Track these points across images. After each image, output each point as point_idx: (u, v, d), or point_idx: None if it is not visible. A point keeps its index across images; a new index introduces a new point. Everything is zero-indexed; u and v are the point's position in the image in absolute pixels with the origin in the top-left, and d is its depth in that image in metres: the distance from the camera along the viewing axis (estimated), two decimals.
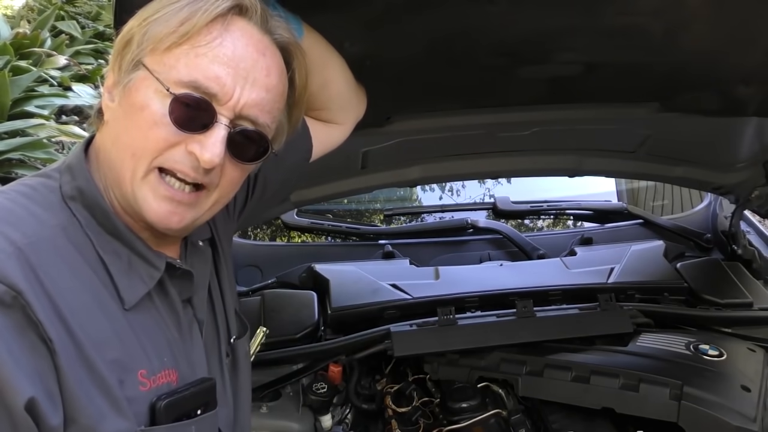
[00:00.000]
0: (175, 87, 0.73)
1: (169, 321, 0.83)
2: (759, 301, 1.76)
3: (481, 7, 1.05)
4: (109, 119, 0.79)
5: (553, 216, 2.54)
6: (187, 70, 0.74)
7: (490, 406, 1.49)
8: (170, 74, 0.74)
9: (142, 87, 0.75)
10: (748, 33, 1.18)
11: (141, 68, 0.75)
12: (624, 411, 1.37)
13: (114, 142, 0.78)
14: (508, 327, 1.58)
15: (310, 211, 2.36)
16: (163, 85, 0.73)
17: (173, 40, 0.74)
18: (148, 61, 0.75)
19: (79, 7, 7.84)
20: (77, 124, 4.93)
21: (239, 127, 0.78)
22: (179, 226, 0.79)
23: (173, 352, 0.82)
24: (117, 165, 0.77)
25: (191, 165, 0.76)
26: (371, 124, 1.49)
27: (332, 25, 1.03)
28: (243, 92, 0.76)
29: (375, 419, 1.60)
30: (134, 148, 0.75)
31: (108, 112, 0.79)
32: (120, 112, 0.77)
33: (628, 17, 1.12)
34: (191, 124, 0.74)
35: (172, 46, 0.74)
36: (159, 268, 0.81)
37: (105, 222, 0.78)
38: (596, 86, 1.42)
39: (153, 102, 0.74)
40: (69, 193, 0.77)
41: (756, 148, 1.78)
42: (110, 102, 0.79)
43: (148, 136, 0.74)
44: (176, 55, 0.74)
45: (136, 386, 0.75)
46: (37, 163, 4.16)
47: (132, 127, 0.75)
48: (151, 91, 0.74)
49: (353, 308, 1.70)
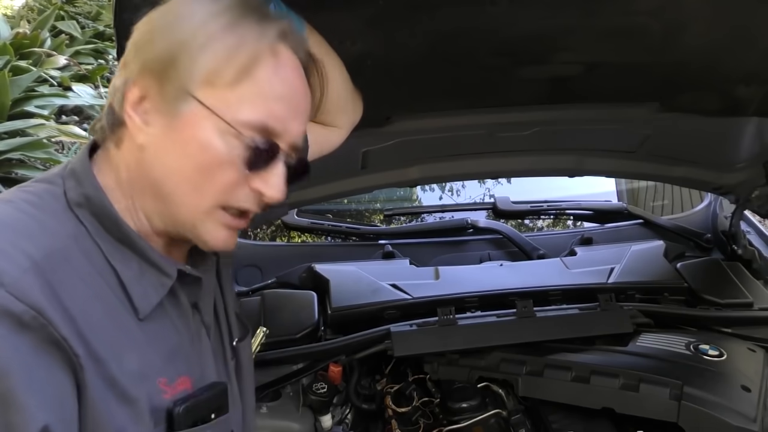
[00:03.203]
0: (243, 129, 0.72)
1: (181, 327, 0.82)
2: (759, 301, 1.76)
3: (482, 7, 1.05)
4: (148, 145, 0.74)
5: (553, 216, 2.54)
6: (254, 111, 0.73)
7: (490, 406, 1.49)
8: (235, 115, 0.72)
9: (201, 124, 0.72)
10: (748, 33, 1.18)
11: (192, 101, 0.72)
12: (624, 411, 1.36)
13: (165, 173, 0.74)
14: (508, 327, 1.58)
15: (310, 211, 2.35)
16: (233, 128, 0.72)
17: (232, 76, 0.72)
18: (202, 95, 0.71)
19: (79, 7, 7.83)
20: (77, 124, 4.92)
21: (293, 158, 0.80)
22: (232, 249, 0.82)
23: (186, 358, 0.82)
24: (170, 197, 0.75)
25: (255, 201, 0.77)
26: (371, 124, 1.49)
27: (333, 25, 1.03)
28: (295, 125, 0.78)
29: (375, 419, 1.60)
30: (196, 186, 0.74)
31: (142, 136, 0.74)
32: (167, 142, 0.74)
33: (628, 17, 1.12)
34: (258, 164, 0.75)
35: (231, 83, 0.72)
36: (171, 276, 0.79)
37: (113, 229, 0.75)
38: (596, 86, 1.42)
39: (217, 142, 0.72)
40: (75, 199, 0.74)
41: (756, 148, 1.78)
42: (144, 125, 0.74)
43: (214, 177, 0.74)
44: (238, 93, 0.72)
45: (158, 395, 0.75)
46: (37, 163, 4.16)
47: (191, 163, 0.73)
48: (212, 131, 0.72)
49: (353, 308, 1.70)
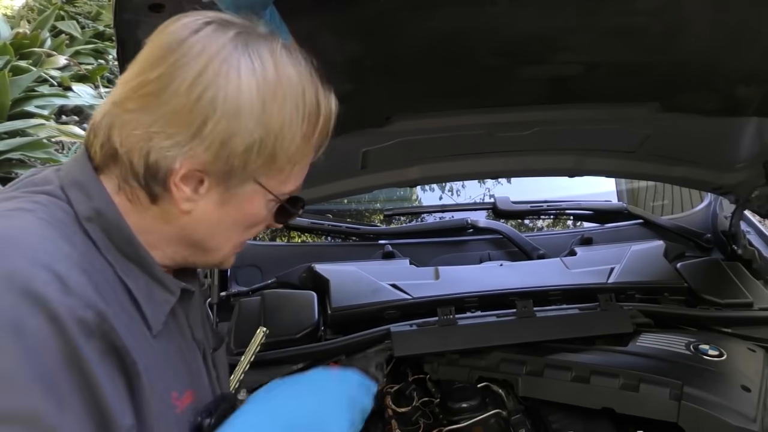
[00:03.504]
0: (285, 196, 0.80)
1: (181, 343, 0.82)
2: (759, 301, 1.76)
3: (482, 7, 1.05)
4: (193, 211, 0.75)
5: (553, 216, 2.54)
6: (296, 182, 0.80)
7: (490, 406, 1.49)
8: (281, 188, 0.79)
9: (256, 200, 0.78)
10: (748, 33, 1.18)
11: (254, 183, 0.76)
12: (624, 411, 1.36)
13: (207, 235, 0.79)
14: (508, 327, 1.58)
15: (310, 211, 2.35)
16: (278, 199, 0.79)
17: (303, 159, 0.79)
18: (264, 179, 0.76)
19: (79, 7, 7.83)
20: (77, 124, 4.93)
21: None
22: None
23: (189, 373, 0.82)
24: (208, 248, 0.81)
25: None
26: (371, 124, 1.49)
27: (333, 25, 1.03)
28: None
29: (375, 419, 1.59)
30: (234, 238, 0.82)
31: (189, 205, 0.74)
32: (217, 212, 0.77)
33: (628, 17, 1.12)
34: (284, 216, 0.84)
35: (297, 162, 0.78)
36: (174, 293, 0.79)
37: (124, 246, 0.73)
38: (596, 86, 1.42)
39: (262, 210, 0.80)
40: (86, 214, 0.70)
41: (756, 148, 1.78)
42: (194, 195, 0.73)
43: (252, 231, 0.83)
44: (290, 171, 0.78)
45: (173, 410, 0.75)
46: (37, 163, 4.16)
47: (236, 225, 0.80)
48: (262, 203, 0.79)
49: (353, 308, 1.69)
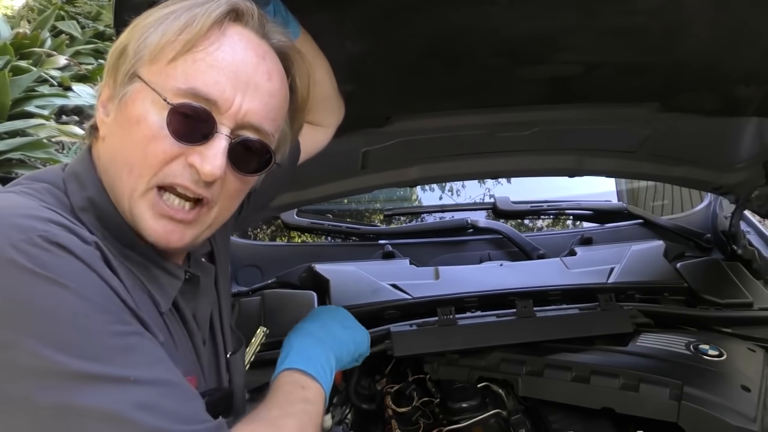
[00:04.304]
0: (172, 97, 0.70)
1: (183, 331, 0.82)
2: (759, 301, 1.76)
3: (482, 7, 1.05)
4: (105, 135, 0.75)
5: (553, 216, 2.54)
6: (185, 77, 0.70)
7: (490, 406, 1.49)
8: (167, 84, 0.71)
9: (138, 99, 0.71)
10: (748, 33, 1.18)
11: (137, 80, 0.72)
12: (624, 411, 1.36)
13: (111, 159, 0.74)
14: (508, 327, 1.58)
15: (310, 211, 2.35)
16: (160, 95, 0.70)
17: (175, 50, 0.70)
18: (144, 72, 0.72)
19: (79, 7, 7.83)
20: (77, 124, 4.93)
21: (241, 137, 0.75)
22: (180, 245, 0.76)
23: (192, 361, 0.82)
24: (116, 182, 0.73)
25: (192, 179, 0.72)
26: (371, 124, 1.49)
27: (334, 24, 1.03)
28: (244, 99, 0.73)
29: (375, 419, 1.59)
30: (132, 164, 0.72)
31: (103, 128, 0.75)
32: (116, 127, 0.74)
33: (628, 17, 1.12)
34: (191, 135, 0.71)
35: (173, 58, 0.71)
36: (179, 278, 0.79)
37: (119, 234, 0.74)
38: (596, 86, 1.42)
39: (150, 114, 0.71)
40: (80, 204, 0.72)
41: (756, 148, 1.78)
42: (105, 117, 0.75)
43: (147, 151, 0.71)
44: (176, 65, 0.71)
45: None
46: (37, 163, 4.16)
47: (129, 142, 0.72)
48: (147, 103, 0.71)
49: (353, 308, 1.67)
